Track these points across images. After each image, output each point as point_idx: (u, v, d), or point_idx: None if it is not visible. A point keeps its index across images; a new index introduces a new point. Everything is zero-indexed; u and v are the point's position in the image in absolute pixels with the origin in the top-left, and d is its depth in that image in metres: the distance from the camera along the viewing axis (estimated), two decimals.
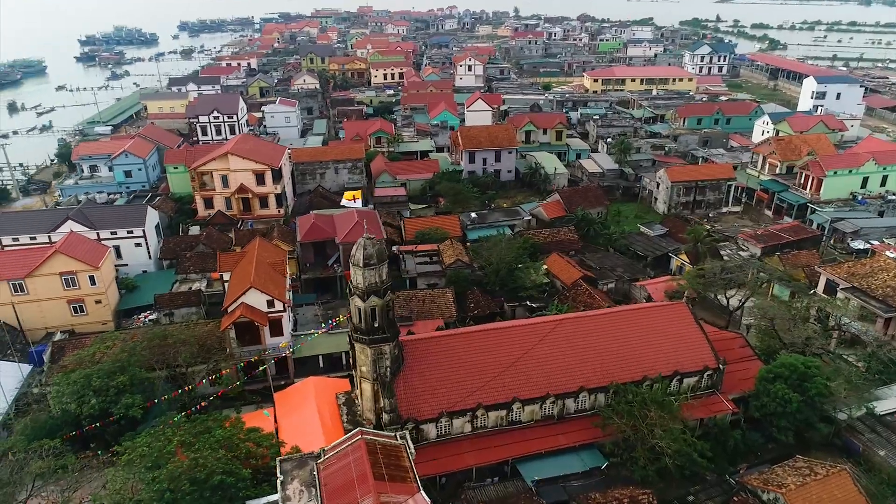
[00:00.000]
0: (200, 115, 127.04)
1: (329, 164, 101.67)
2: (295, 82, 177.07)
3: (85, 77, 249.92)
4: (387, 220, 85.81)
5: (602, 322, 51.55)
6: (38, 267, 61.31)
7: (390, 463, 37.04)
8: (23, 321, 62.66)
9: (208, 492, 36.93)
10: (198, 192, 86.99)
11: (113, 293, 66.48)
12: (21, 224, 71.63)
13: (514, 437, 46.50)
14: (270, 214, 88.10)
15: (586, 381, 47.90)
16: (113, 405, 45.62)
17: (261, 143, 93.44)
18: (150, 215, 74.27)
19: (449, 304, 65.24)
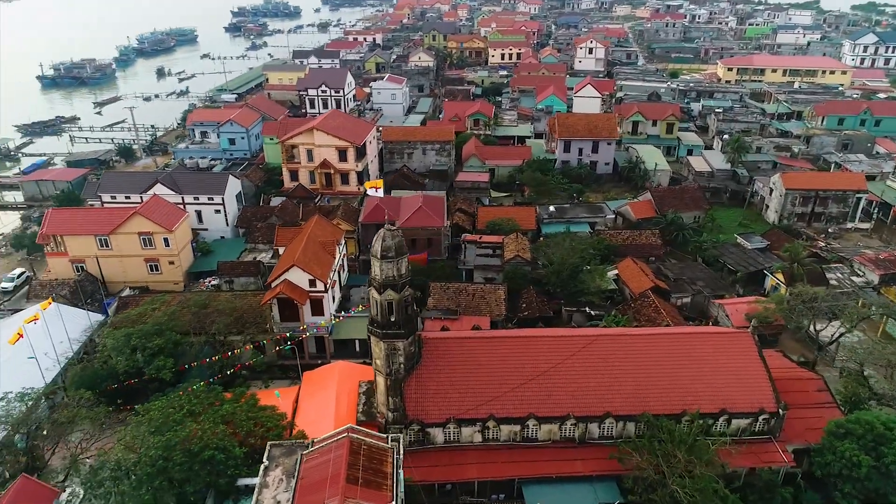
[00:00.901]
0: (310, 87, 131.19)
1: (417, 145, 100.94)
2: (411, 59, 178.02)
3: (230, 46, 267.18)
4: (462, 206, 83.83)
5: (646, 343, 46.51)
6: (121, 225, 66.01)
7: (370, 466, 35.68)
8: (105, 274, 68.15)
9: (198, 465, 37.62)
10: (285, 164, 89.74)
11: (186, 255, 70.29)
12: (121, 184, 77.63)
13: (526, 455, 43.38)
14: (350, 191, 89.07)
15: (615, 407, 43.52)
16: (147, 365, 47.99)
17: (349, 121, 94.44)
18: (230, 184, 77.57)
19: (499, 302, 62.36)
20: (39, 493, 36.39)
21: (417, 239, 68.48)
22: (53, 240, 67.58)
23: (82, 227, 66.50)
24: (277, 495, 35.39)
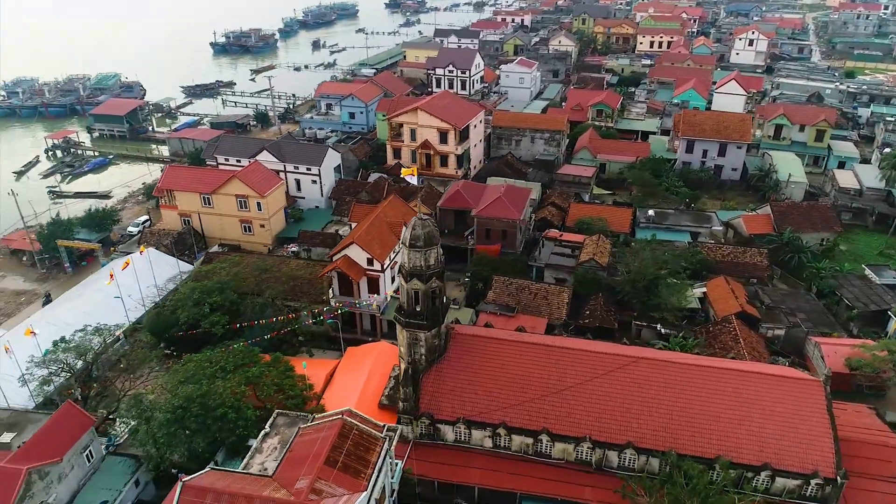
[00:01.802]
0: (437, 67, 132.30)
1: (526, 132, 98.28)
2: (550, 43, 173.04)
3: (386, 22, 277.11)
4: (556, 200, 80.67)
5: (691, 374, 41.82)
6: (221, 186, 71.36)
7: (355, 452, 35.68)
8: (205, 230, 74.28)
9: (210, 420, 40.01)
10: (390, 141, 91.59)
11: (278, 220, 74.49)
12: (235, 148, 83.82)
13: (534, 470, 41.09)
14: (448, 174, 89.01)
15: (639, 438, 39.80)
16: (203, 319, 51.77)
17: (456, 103, 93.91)
18: (329, 156, 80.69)
19: (561, 305, 59.36)
20: (80, 419, 40.72)
21: (492, 230, 66.89)
22: (167, 193, 74.70)
23: (190, 185, 72.76)
24: (266, 462, 36.65)
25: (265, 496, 32.16)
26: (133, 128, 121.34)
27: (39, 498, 37.09)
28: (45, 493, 37.55)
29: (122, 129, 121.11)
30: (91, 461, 41.14)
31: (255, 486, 33.50)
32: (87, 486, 40.00)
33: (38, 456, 37.54)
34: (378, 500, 36.40)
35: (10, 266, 76.00)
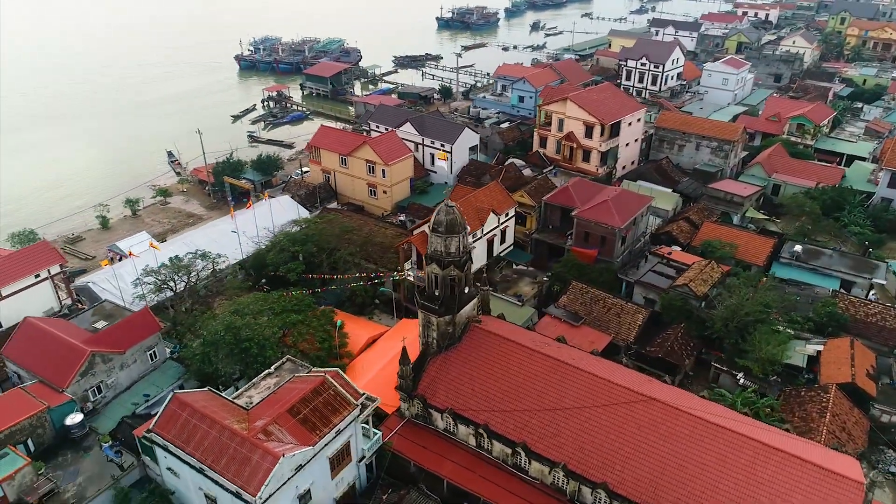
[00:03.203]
0: (630, 58, 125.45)
1: (691, 138, 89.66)
2: (783, 43, 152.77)
3: (619, 7, 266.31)
4: (693, 216, 73.24)
5: (701, 431, 36.57)
6: (355, 150, 77.30)
7: (321, 410, 37.99)
8: (339, 187, 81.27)
9: (237, 350, 45.27)
10: (538, 128, 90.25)
11: (401, 189, 78.56)
12: (387, 117, 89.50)
13: (508, 483, 39.54)
14: (587, 170, 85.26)
15: (616, 482, 36.21)
16: (283, 264, 57.74)
17: (613, 97, 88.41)
18: (464, 136, 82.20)
19: (633, 326, 54.73)
20: (150, 323, 48.79)
21: (591, 233, 63.29)
22: (315, 150, 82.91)
23: (332, 145, 79.91)
24: (254, 397, 40.59)
25: (222, 422, 36.01)
26: (335, 89, 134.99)
27: (101, 377, 45.63)
28: (107, 374, 46.01)
29: (326, 89, 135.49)
30: (154, 360, 49.13)
31: (227, 413, 37.55)
32: (144, 380, 47.97)
33: (107, 344, 46.02)
34: (335, 460, 38.45)
35: (194, 193, 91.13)
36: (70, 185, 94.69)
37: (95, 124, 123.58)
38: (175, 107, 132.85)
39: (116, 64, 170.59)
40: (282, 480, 34.29)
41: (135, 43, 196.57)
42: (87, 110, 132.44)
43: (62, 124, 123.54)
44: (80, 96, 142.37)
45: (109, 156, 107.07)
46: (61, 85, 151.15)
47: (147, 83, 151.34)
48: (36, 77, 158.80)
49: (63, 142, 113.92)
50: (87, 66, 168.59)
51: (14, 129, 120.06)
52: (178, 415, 37.21)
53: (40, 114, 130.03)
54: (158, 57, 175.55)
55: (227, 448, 35.12)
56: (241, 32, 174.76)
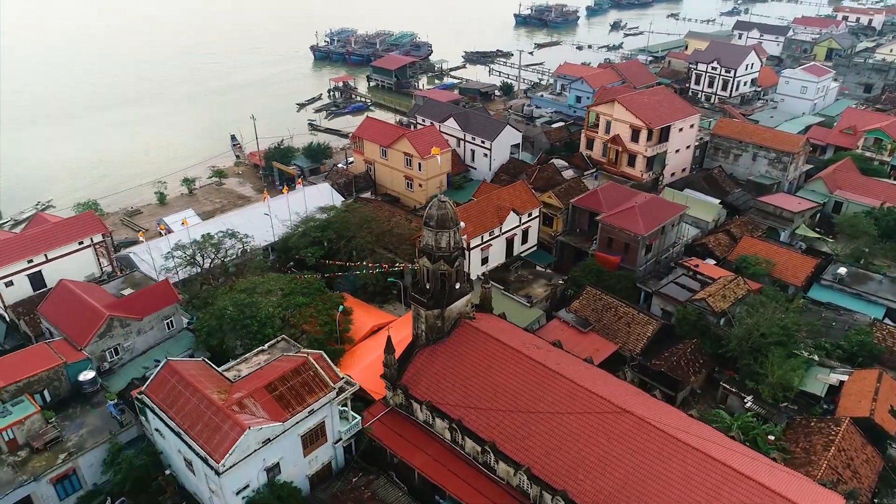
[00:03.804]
0: (700, 62, 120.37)
1: (748, 147, 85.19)
2: (879, 51, 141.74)
3: (712, 9, 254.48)
4: (734, 229, 70.05)
5: (671, 449, 35.26)
6: (393, 142, 78.66)
7: (297, 389, 39.46)
8: (378, 178, 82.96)
9: (238, 326, 47.60)
10: (586, 129, 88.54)
11: (435, 183, 79.12)
12: (432, 111, 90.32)
13: (476, 480, 39.62)
14: (632, 175, 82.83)
15: (576, 491, 35.58)
16: (303, 248, 59.88)
17: (666, 100, 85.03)
18: (505, 134, 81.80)
19: (642, 337, 53.13)
20: (169, 294, 52.00)
21: (614, 239, 61.68)
22: (359, 140, 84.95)
23: (374, 136, 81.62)
24: (242, 371, 42.40)
25: (203, 391, 38.06)
26: (399, 82, 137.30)
27: (118, 340, 49.18)
28: (124, 338, 49.53)
29: (391, 81, 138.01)
30: (170, 329, 52.37)
31: (212, 384, 39.63)
32: (159, 347, 51.25)
33: (126, 310, 49.52)
34: (308, 438, 39.81)
35: (248, 176, 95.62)
36: (140, 162, 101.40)
37: (173, 107, 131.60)
38: (249, 93, 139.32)
39: (202, 52, 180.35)
40: (248, 451, 35.96)
41: (220, 32, 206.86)
42: (168, 93, 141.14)
43: (143, 106, 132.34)
44: (166, 80, 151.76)
45: (180, 137, 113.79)
46: (149, 69, 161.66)
47: (228, 71, 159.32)
48: (128, 61, 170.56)
49: (142, 122, 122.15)
50: (179, 53, 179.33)
51: (102, 109, 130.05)
52: (167, 380, 39.66)
53: (129, 96, 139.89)
54: (241, 45, 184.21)
55: (203, 415, 37.18)
56: (322, 24, 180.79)
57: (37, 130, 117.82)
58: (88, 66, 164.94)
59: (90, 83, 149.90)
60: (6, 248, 54.81)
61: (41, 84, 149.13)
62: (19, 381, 43.27)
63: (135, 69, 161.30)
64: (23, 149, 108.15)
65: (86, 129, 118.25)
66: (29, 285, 56.08)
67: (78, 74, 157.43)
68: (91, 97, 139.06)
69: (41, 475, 39.51)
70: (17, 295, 55.31)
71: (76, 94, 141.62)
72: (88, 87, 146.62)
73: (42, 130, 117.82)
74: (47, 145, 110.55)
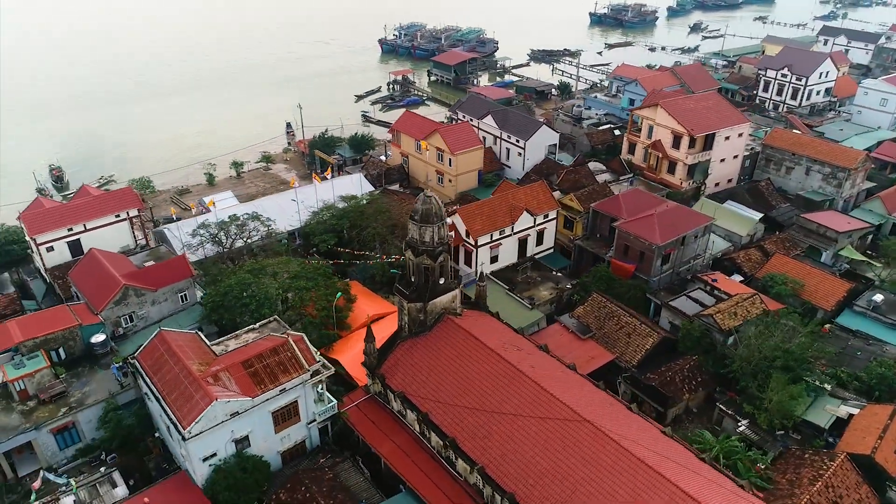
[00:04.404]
0: (769, 68, 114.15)
1: (802, 161, 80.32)
2: None
3: (803, 12, 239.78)
4: (769, 245, 66.79)
5: (625, 463, 34.33)
6: (426, 136, 79.48)
7: (272, 368, 41.12)
8: (411, 171, 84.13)
9: (239, 303, 49.91)
10: (629, 132, 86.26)
11: (467, 179, 79.35)
12: (473, 107, 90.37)
13: (435, 473, 40.04)
14: (671, 182, 80.00)
15: (524, 495, 35.35)
16: (317, 235, 61.89)
17: (715, 107, 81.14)
18: (540, 133, 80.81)
19: (640, 349, 51.61)
20: (184, 269, 55.10)
21: (630, 247, 60.02)
22: (396, 133, 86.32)
23: (410, 130, 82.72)
24: (230, 346, 44.47)
25: (185, 361, 40.27)
26: (458, 77, 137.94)
27: (133, 308, 52.68)
28: (139, 307, 52.98)
29: (449, 77, 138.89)
30: (184, 302, 55.51)
31: (196, 356, 41.87)
32: (171, 317, 54.42)
33: (141, 280, 52.95)
34: (280, 416, 41.39)
35: (294, 162, 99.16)
36: (204, 143, 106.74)
37: (243, 93, 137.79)
38: (314, 83, 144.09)
39: (278, 43, 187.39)
40: (215, 421, 37.88)
41: (296, 25, 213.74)
42: (241, 80, 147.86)
43: (216, 91, 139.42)
44: (243, 68, 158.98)
45: (243, 121, 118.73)
46: (227, 56, 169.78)
47: (300, 61, 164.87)
48: (210, 49, 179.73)
49: (210, 105, 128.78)
50: (256, 43, 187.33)
51: (171, 93, 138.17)
52: (157, 348, 42.30)
53: (202, 81, 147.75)
54: (316, 38, 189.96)
55: (180, 384, 39.45)
56: (395, 18, 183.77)
57: (125, 108, 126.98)
58: (179, 52, 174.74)
59: (172, 68, 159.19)
60: (49, 217, 59.72)
61: (139, 66, 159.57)
62: (37, 337, 47.28)
63: (214, 56, 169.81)
64: (108, 124, 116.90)
65: (159, 111, 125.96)
66: (68, 252, 60.85)
67: (166, 59, 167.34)
68: (168, 82, 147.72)
69: (42, 425, 43.11)
70: (56, 260, 60.17)
71: (158, 77, 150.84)
72: (170, 72, 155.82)
73: (123, 109, 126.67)
74: (125, 123, 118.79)
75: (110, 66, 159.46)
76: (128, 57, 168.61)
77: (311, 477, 39.65)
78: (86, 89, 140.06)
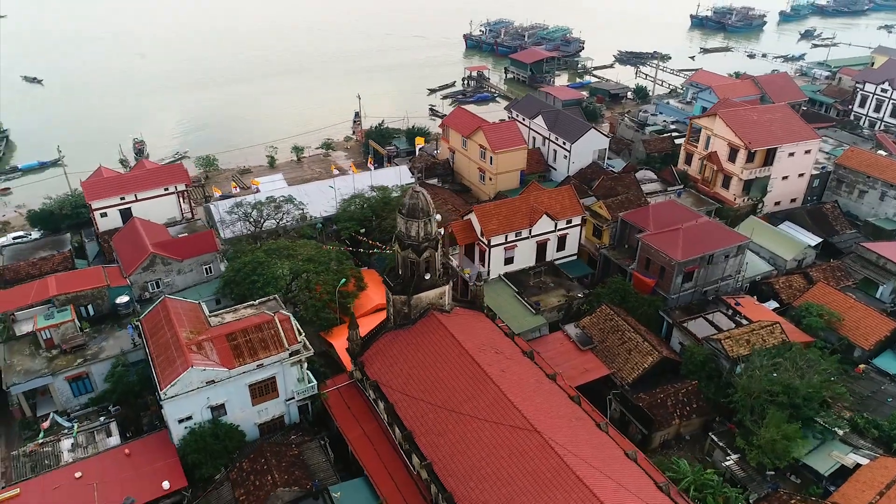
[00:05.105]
0: (869, 81, 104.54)
1: (876, 184, 73.33)
2: None
3: None
4: (815, 273, 61.86)
5: (562, 478, 33.43)
6: (471, 133, 79.52)
7: (253, 344, 43.34)
8: (457, 167, 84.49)
9: (247, 281, 52.64)
10: (686, 142, 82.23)
11: (508, 178, 78.63)
12: (529, 107, 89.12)
13: (393, 465, 40.65)
14: (724, 197, 75.51)
15: (462, 496, 35.23)
16: (341, 222, 63.96)
17: (782, 121, 75.18)
18: (587, 137, 78.39)
19: (637, 368, 49.48)
20: (211, 243, 58.72)
21: (652, 261, 57.50)
22: (446, 129, 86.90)
23: (457, 125, 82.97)
24: (226, 319, 46.98)
25: (177, 328, 43.10)
26: (533, 76, 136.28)
27: (160, 275, 56.85)
28: (165, 274, 57.10)
29: (525, 75, 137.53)
30: (208, 274, 59.16)
31: (190, 324, 44.67)
32: (194, 287, 58.21)
33: (168, 250, 56.98)
34: (257, 390, 43.47)
35: (354, 151, 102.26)
36: (273, 127, 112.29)
37: (323, 82, 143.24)
38: (392, 74, 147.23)
39: (363, 35, 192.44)
40: (190, 387, 40.42)
41: (385, 17, 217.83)
42: (323, 69, 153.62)
43: (296, 79, 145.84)
44: (327, 58, 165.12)
45: (318, 108, 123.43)
46: (314, 46, 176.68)
47: (382, 52, 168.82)
48: (299, 38, 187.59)
49: (293, 92, 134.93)
50: (340, 35, 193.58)
51: (263, 77, 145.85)
52: (158, 314, 45.59)
53: (291, 68, 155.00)
54: (403, 31, 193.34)
55: (168, 348, 42.41)
56: (485, 13, 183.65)
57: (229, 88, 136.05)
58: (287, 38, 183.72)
59: (262, 55, 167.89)
60: (105, 186, 65.45)
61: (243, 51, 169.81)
62: (69, 293, 52.19)
63: (302, 45, 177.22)
64: (203, 104, 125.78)
65: (244, 93, 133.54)
66: (120, 219, 66.40)
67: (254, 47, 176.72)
68: (259, 67, 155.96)
69: (59, 372, 47.68)
70: (108, 225, 65.93)
71: (249, 63, 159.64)
72: (260, 58, 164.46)
73: (215, 92, 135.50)
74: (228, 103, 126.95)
75: (219, 52, 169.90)
76: (238, 44, 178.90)
77: (274, 451, 41.38)
78: (190, 71, 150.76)
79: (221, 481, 40.58)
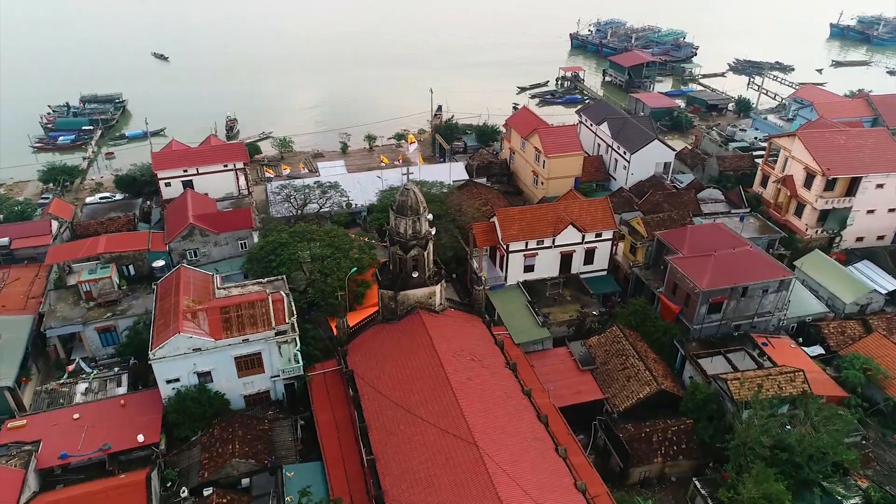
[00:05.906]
0: None
1: None
2: None
3: None
4: (875, 321, 55.17)
5: (487, 501, 32.45)
6: (528, 135, 77.86)
7: (242, 319, 45.53)
8: (514, 168, 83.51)
9: (265, 260, 55.22)
10: (764, 162, 75.56)
11: (558, 185, 75.74)
12: (596, 113, 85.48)
13: (350, 453, 41.16)
14: (795, 226, 68.67)
15: (392, 498, 35.23)
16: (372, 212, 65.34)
17: (874, 147, 66.56)
18: (650, 148, 73.87)
19: (632, 397, 46.60)
20: (247, 220, 62.12)
21: (679, 287, 53.65)
22: (508, 129, 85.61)
23: (518, 126, 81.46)
24: (234, 292, 49.67)
25: (180, 295, 46.24)
26: (630, 80, 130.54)
27: (197, 245, 61.00)
28: (202, 245, 61.19)
29: (622, 79, 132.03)
30: (242, 249, 62.66)
31: (196, 294, 47.70)
32: (226, 260, 61.92)
33: (206, 223, 60.99)
34: (243, 363, 45.69)
35: (425, 144, 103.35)
36: (353, 112, 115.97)
37: (418, 73, 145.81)
38: (486, 71, 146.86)
39: (472, 32, 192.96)
40: (177, 352, 43.22)
41: (497, 17, 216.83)
42: (423, 62, 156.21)
43: (397, 68, 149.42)
44: (431, 52, 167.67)
45: (407, 99, 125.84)
46: (420, 40, 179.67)
47: (482, 50, 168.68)
48: (407, 33, 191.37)
49: (384, 81, 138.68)
50: (446, 32, 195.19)
51: (371, 65, 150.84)
52: (172, 280, 49.08)
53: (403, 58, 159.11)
54: (511, 29, 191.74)
55: (168, 313, 45.60)
56: (605, 13, 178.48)
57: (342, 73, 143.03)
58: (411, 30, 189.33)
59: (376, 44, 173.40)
60: (170, 158, 71.07)
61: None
62: (114, 252, 57.48)
63: (408, 39, 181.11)
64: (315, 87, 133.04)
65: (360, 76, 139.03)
66: (182, 189, 71.79)
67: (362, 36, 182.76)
68: (365, 55, 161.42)
69: (90, 322, 52.74)
70: (171, 194, 71.46)
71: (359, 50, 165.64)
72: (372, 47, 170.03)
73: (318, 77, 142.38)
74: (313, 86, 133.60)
75: (346, 40, 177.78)
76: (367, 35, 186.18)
77: (244, 423, 43.37)
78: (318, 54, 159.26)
79: (195, 443, 43.17)
